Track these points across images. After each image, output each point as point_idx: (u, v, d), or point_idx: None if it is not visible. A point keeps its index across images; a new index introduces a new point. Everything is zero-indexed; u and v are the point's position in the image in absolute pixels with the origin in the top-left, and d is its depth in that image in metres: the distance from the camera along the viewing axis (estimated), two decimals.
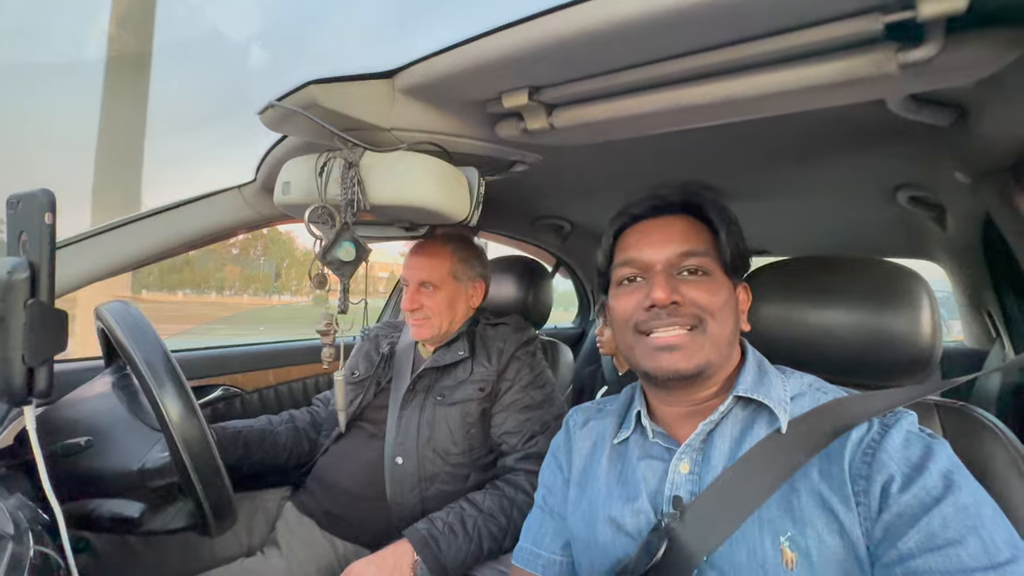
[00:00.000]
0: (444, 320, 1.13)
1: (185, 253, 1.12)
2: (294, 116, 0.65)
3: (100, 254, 0.98)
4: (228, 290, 28.09)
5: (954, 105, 0.69)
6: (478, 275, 1.20)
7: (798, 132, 0.85)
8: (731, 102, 0.55)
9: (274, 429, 1.18)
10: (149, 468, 0.73)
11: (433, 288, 1.12)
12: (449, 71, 0.60)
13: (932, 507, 0.47)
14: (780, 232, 1.63)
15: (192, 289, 27.67)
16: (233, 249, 29.09)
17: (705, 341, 0.60)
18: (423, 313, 1.11)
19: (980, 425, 0.62)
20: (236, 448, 1.09)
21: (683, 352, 0.59)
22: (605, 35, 0.50)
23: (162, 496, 0.76)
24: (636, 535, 0.61)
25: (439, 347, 1.16)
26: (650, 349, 0.61)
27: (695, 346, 0.59)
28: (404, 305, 1.13)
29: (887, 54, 0.45)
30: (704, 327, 0.60)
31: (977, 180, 0.87)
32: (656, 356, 0.60)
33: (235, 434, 1.10)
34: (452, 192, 0.74)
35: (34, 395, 0.55)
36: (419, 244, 1.18)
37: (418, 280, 1.13)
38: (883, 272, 0.72)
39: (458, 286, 1.16)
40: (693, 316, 0.60)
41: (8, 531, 0.53)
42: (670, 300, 0.59)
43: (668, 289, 0.60)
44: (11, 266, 0.53)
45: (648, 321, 0.61)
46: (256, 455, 1.12)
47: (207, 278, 28.75)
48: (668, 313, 0.60)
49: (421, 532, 0.89)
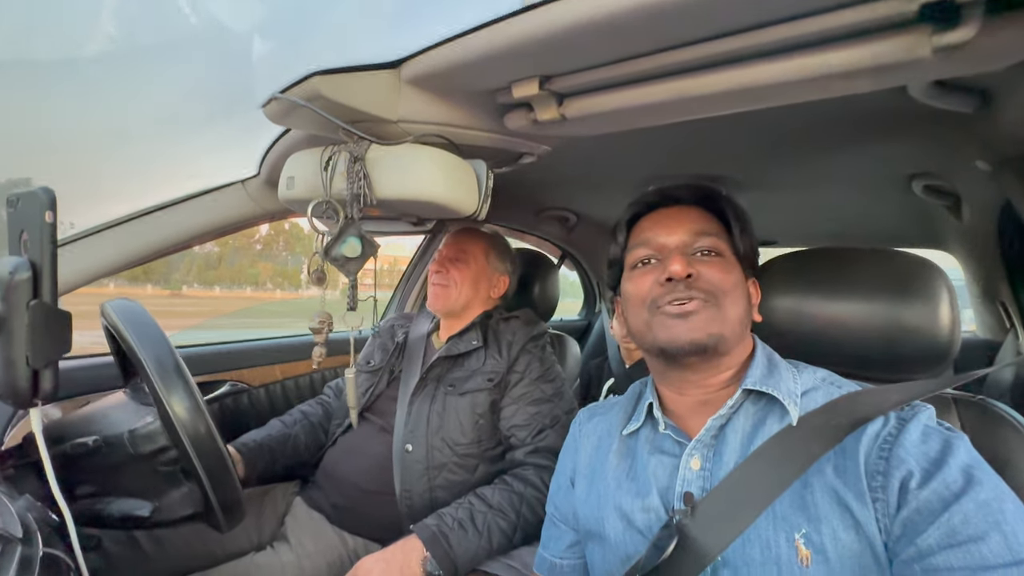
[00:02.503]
0: (463, 294, 1.17)
1: (189, 248, 1.11)
2: (298, 109, 0.64)
3: (104, 250, 0.98)
4: (261, 286, 29.35)
5: (979, 91, 0.67)
6: (506, 270, 1.26)
7: (812, 121, 0.83)
8: (751, 90, 0.53)
9: (291, 431, 1.17)
10: (139, 433, 0.73)
11: (464, 263, 1.18)
12: (457, 60, 0.59)
13: (952, 503, 0.46)
14: (792, 222, 1.61)
15: (227, 285, 29.09)
16: (257, 245, 30.68)
17: (718, 314, 0.60)
18: (447, 279, 1.16)
19: (1000, 419, 0.61)
20: (263, 458, 1.08)
21: (698, 319, 0.59)
22: (619, 21, 0.48)
23: (166, 480, 0.75)
24: (646, 531, 0.60)
25: (452, 336, 1.16)
26: (666, 319, 0.61)
27: (709, 315, 0.60)
28: (432, 267, 1.18)
29: (920, 37, 0.42)
30: (718, 302, 0.60)
31: (998, 167, 0.85)
32: (671, 325, 0.60)
33: (258, 446, 1.08)
34: (460, 185, 0.73)
35: (39, 397, 0.55)
36: (460, 230, 1.26)
37: (454, 252, 1.19)
38: (900, 263, 0.71)
39: (487, 268, 1.22)
40: (707, 292, 0.61)
41: (17, 534, 0.52)
42: (687, 272, 0.60)
43: (684, 262, 0.61)
44: (12, 266, 0.52)
45: (665, 295, 0.61)
46: (281, 460, 1.12)
47: (241, 274, 30.10)
48: (686, 286, 0.61)
49: (431, 528, 0.89)
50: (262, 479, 1.10)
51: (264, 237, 31.76)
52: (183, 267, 28.59)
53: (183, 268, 28.24)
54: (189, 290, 25.62)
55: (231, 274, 29.64)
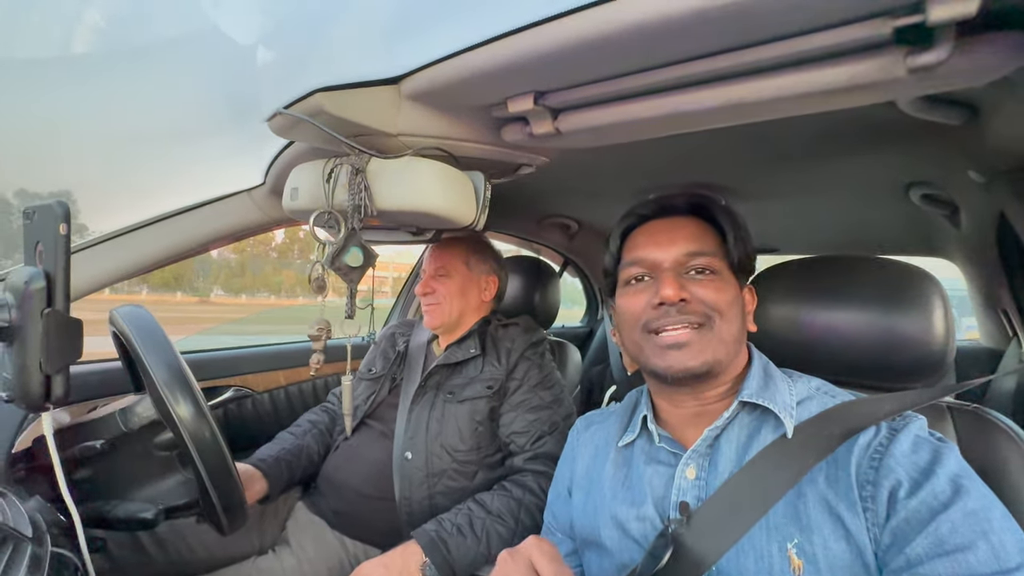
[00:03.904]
0: (454, 307, 1.16)
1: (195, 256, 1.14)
2: (301, 123, 0.66)
3: (113, 258, 1.00)
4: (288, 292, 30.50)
5: (966, 104, 0.68)
6: (491, 270, 1.24)
7: (807, 131, 0.84)
8: (738, 106, 0.55)
9: (303, 442, 1.18)
10: (130, 410, 0.77)
11: (447, 275, 1.17)
12: (455, 76, 0.60)
13: (940, 512, 0.46)
14: (789, 230, 1.61)
15: (252, 292, 30.80)
16: (272, 253, 32.07)
17: (713, 338, 0.60)
18: (435, 298, 1.16)
19: (995, 428, 0.61)
20: (282, 474, 1.08)
21: (691, 349, 0.59)
22: (611, 40, 0.49)
23: (163, 466, 0.77)
24: (642, 540, 0.61)
25: (451, 344, 1.17)
26: (659, 347, 0.61)
27: (703, 343, 0.60)
28: (418, 290, 1.17)
29: (895, 58, 0.44)
30: (712, 325, 0.60)
31: (991, 179, 0.86)
32: (665, 354, 0.60)
33: (276, 461, 1.09)
34: (459, 197, 0.75)
35: (51, 402, 0.57)
36: (437, 243, 1.22)
37: (435, 267, 1.18)
38: (894, 272, 0.71)
39: (471, 276, 1.20)
40: (701, 314, 0.60)
41: (28, 533, 0.54)
42: (679, 297, 0.60)
43: (677, 286, 0.60)
44: (28, 276, 0.55)
45: (657, 319, 0.61)
46: (298, 472, 1.13)
47: (266, 282, 31.71)
48: (677, 311, 0.60)
49: (430, 533, 0.90)
50: (282, 492, 1.11)
51: (279, 245, 32.96)
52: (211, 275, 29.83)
53: (211, 276, 29.54)
54: (217, 297, 26.89)
55: (256, 282, 30.96)
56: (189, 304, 24.96)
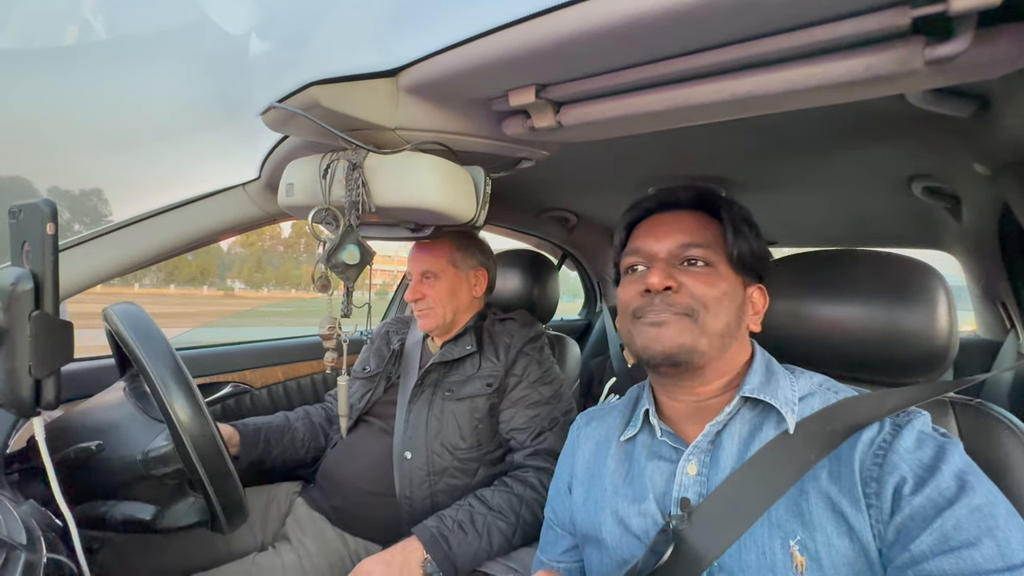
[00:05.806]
0: (447, 309, 1.14)
1: (192, 250, 1.12)
2: (296, 117, 0.64)
3: (106, 254, 0.98)
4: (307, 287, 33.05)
5: (976, 96, 0.67)
6: (479, 264, 1.21)
7: (811, 123, 0.83)
8: (744, 99, 0.53)
9: (292, 424, 1.19)
10: (152, 456, 0.74)
11: (434, 278, 1.14)
12: (454, 69, 0.59)
13: (945, 509, 0.46)
14: (791, 222, 1.61)
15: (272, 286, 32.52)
16: (279, 247, 33.53)
17: (694, 328, 0.60)
18: (426, 303, 1.13)
19: (997, 422, 0.61)
20: (257, 444, 1.10)
21: (667, 331, 0.60)
22: (615, 32, 0.48)
23: (173, 491, 0.76)
24: (643, 536, 0.61)
25: (447, 342, 1.16)
26: (641, 327, 0.62)
27: (681, 328, 0.60)
28: (407, 296, 1.15)
29: (913, 49, 0.42)
30: (695, 317, 0.60)
31: (997, 171, 0.85)
32: (644, 333, 0.61)
33: (255, 430, 1.11)
34: (458, 193, 0.73)
35: (41, 406, 0.55)
36: (418, 244, 1.19)
37: (420, 271, 1.15)
38: (898, 267, 0.70)
39: (459, 274, 1.17)
40: (686, 305, 0.60)
41: (21, 540, 0.53)
42: (663, 286, 0.60)
43: (664, 275, 0.61)
44: (15, 277, 0.53)
45: (643, 306, 0.62)
46: (276, 450, 1.13)
47: (286, 276, 32.83)
48: (662, 299, 0.61)
49: (431, 530, 0.90)
50: (257, 466, 1.11)
51: (286, 240, 34.12)
52: (234, 271, 31.42)
53: (234, 271, 30.99)
54: (240, 291, 28.32)
55: (276, 276, 32.26)
56: (215, 298, 26.32)
